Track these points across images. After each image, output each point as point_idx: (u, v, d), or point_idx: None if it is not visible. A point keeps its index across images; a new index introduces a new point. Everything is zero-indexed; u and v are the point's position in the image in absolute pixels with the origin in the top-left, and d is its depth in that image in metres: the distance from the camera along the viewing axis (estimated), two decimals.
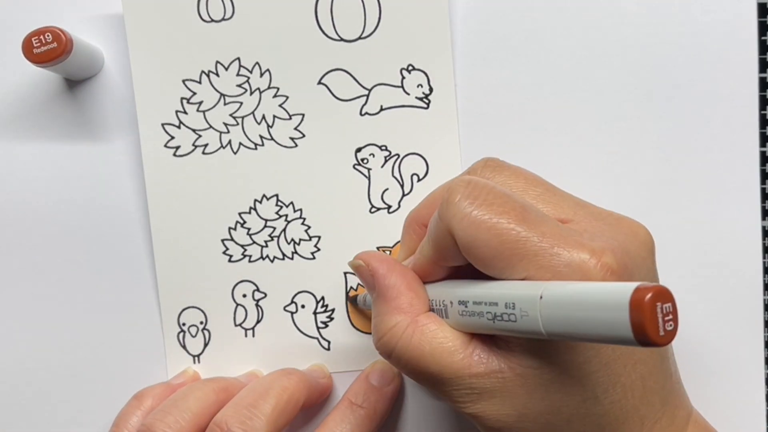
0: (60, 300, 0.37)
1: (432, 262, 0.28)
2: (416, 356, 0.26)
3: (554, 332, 0.21)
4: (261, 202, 0.37)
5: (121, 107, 0.37)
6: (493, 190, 0.25)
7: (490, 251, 0.24)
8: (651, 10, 0.36)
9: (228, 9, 0.36)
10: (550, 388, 0.25)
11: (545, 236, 0.24)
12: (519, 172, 0.28)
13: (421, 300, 0.28)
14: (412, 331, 0.27)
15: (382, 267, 0.28)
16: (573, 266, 0.23)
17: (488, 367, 0.25)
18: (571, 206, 0.27)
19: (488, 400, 0.25)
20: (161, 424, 0.30)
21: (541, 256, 0.23)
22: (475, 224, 0.24)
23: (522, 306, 0.22)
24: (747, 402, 0.36)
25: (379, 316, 0.28)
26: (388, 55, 0.36)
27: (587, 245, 0.24)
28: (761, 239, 0.36)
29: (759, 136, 0.36)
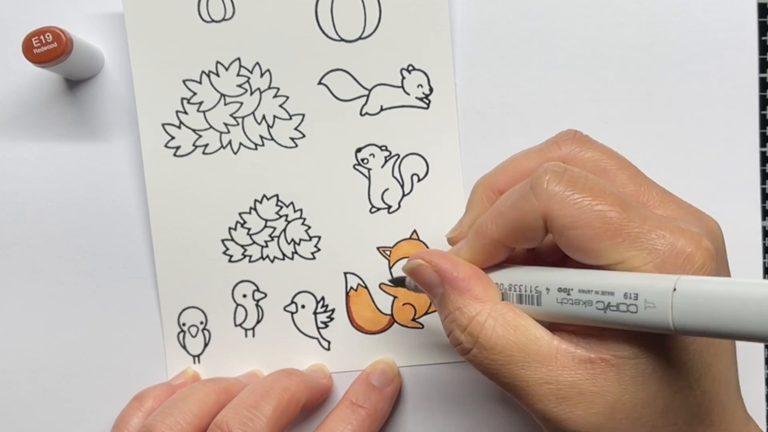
0: (60, 300, 0.37)
1: (497, 242, 0.27)
2: (501, 345, 0.25)
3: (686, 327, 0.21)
4: (261, 202, 0.37)
5: (121, 107, 0.37)
6: (590, 177, 0.25)
7: (591, 232, 0.24)
8: (651, 10, 0.36)
9: (228, 9, 0.36)
10: (646, 379, 0.24)
11: (647, 221, 0.24)
12: (609, 152, 0.28)
13: (493, 288, 0.27)
14: (494, 320, 0.26)
15: (445, 262, 0.28)
16: (676, 250, 0.23)
17: (577, 356, 0.24)
18: (659, 193, 0.27)
19: (574, 398, 0.24)
20: (162, 425, 0.30)
21: (644, 239, 0.24)
22: (576, 205, 0.24)
23: (648, 297, 0.22)
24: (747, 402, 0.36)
25: (456, 310, 0.27)
26: (388, 55, 0.36)
27: (686, 231, 0.24)
28: (761, 239, 0.36)
29: (759, 136, 0.36)
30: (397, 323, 0.37)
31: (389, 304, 0.37)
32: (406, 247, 0.36)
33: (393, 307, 0.37)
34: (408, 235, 0.36)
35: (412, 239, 0.36)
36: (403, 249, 0.36)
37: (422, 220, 0.36)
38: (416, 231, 0.36)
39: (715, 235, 0.26)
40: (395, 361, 0.36)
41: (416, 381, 0.37)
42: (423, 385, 0.37)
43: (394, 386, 0.35)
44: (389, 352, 0.37)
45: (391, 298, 0.37)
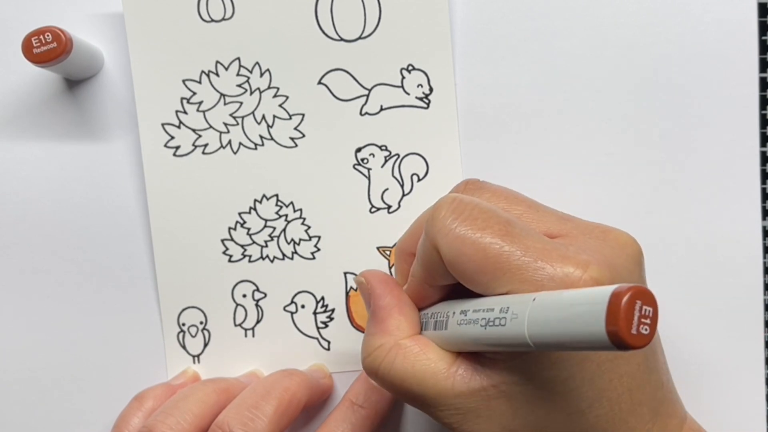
0: (60, 300, 0.37)
1: (423, 282, 0.28)
2: (399, 378, 0.27)
3: (537, 335, 0.21)
4: (261, 202, 0.37)
5: (121, 107, 0.37)
6: (478, 206, 0.25)
7: (473, 266, 0.24)
8: (651, 10, 0.36)
9: (228, 9, 0.36)
10: (534, 404, 0.25)
11: (529, 250, 0.24)
12: (499, 192, 0.28)
13: (409, 323, 0.28)
14: (395, 354, 0.27)
15: (379, 287, 0.29)
16: (557, 280, 0.23)
17: (471, 386, 0.25)
18: (556, 221, 0.27)
19: (474, 420, 0.26)
20: (162, 425, 0.30)
21: (524, 270, 0.24)
22: (459, 239, 0.25)
23: (514, 308, 0.22)
24: (747, 402, 0.36)
25: (367, 336, 0.29)
26: (388, 55, 0.36)
27: (572, 258, 0.24)
28: (761, 239, 0.36)
29: (759, 136, 0.36)
30: None
31: None
32: None
33: None
34: None
35: None
36: None
37: None
38: None
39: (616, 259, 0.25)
40: None
41: None
42: None
43: None
44: None
45: None
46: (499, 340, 0.23)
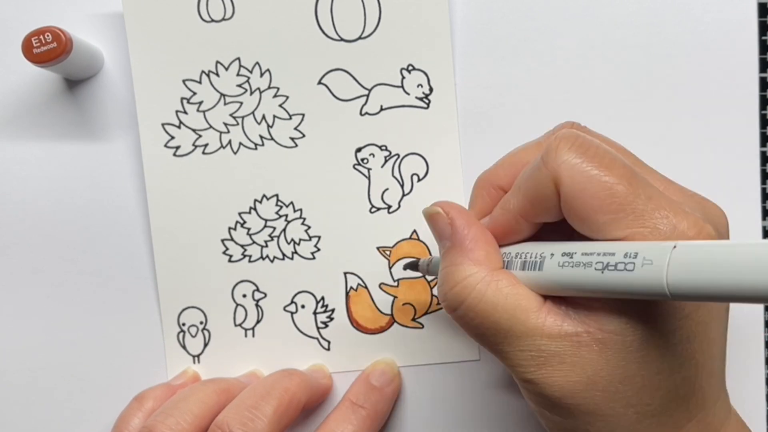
0: (60, 300, 0.37)
1: (518, 216, 0.27)
2: (488, 310, 0.26)
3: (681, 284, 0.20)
4: (261, 202, 0.37)
5: (121, 107, 0.37)
6: (602, 147, 0.25)
7: (596, 203, 0.24)
8: (651, 9, 0.36)
9: (228, 9, 0.36)
10: (629, 356, 0.24)
11: (652, 198, 0.24)
12: (609, 141, 0.28)
13: (498, 256, 0.27)
14: (486, 284, 0.26)
15: (462, 217, 0.28)
16: (678, 232, 0.23)
17: (564, 329, 0.25)
18: (661, 181, 0.27)
19: (555, 366, 0.25)
20: (162, 426, 0.30)
21: (648, 217, 0.23)
22: (585, 174, 0.24)
23: (647, 254, 0.21)
24: (747, 402, 0.36)
25: (453, 266, 0.27)
26: (388, 55, 0.36)
27: (691, 216, 0.24)
28: (761, 239, 0.36)
29: (759, 136, 0.36)
30: (397, 323, 0.37)
31: (389, 304, 0.37)
32: (406, 247, 0.36)
33: (393, 307, 0.37)
34: (408, 235, 0.36)
35: (412, 239, 0.36)
36: (403, 249, 0.36)
37: (422, 220, 0.36)
38: (416, 231, 0.36)
39: (718, 223, 0.26)
40: (395, 361, 0.36)
41: (416, 381, 0.37)
42: (423, 385, 0.37)
43: (394, 386, 0.35)
44: (389, 352, 0.37)
45: (391, 298, 0.37)
46: (622, 286, 0.22)
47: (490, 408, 0.36)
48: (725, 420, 0.27)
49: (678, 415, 0.25)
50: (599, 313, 0.24)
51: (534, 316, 0.25)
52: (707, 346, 0.25)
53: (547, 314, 0.25)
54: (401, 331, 0.37)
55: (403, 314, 0.37)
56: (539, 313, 0.25)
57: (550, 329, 0.25)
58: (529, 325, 0.25)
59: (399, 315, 0.37)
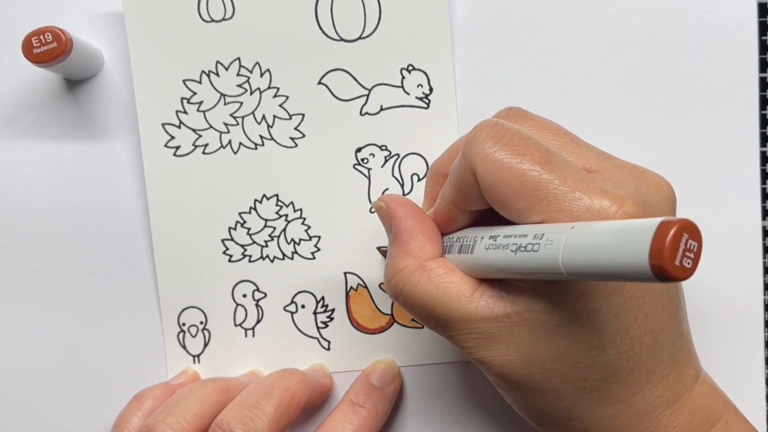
0: (60, 300, 0.37)
1: (452, 205, 0.28)
2: (422, 299, 0.27)
3: (572, 263, 0.21)
4: (261, 202, 0.37)
5: (121, 107, 0.37)
6: (519, 133, 0.25)
7: (510, 191, 0.24)
8: (651, 10, 0.36)
9: (228, 9, 0.36)
10: (557, 334, 0.25)
11: (567, 180, 0.24)
12: (542, 122, 0.28)
13: (433, 246, 0.28)
14: (419, 275, 0.27)
15: (400, 210, 0.29)
16: (593, 212, 0.23)
17: (494, 311, 0.25)
18: (595, 157, 0.27)
19: (494, 345, 0.26)
20: (162, 425, 0.30)
21: (561, 199, 0.24)
22: (498, 163, 0.24)
23: (550, 235, 0.22)
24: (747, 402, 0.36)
25: (391, 258, 0.29)
26: (388, 55, 0.36)
27: (609, 193, 0.24)
28: (761, 239, 0.36)
29: (759, 136, 0.36)
30: (397, 323, 0.37)
31: (389, 304, 0.37)
32: None
33: (393, 307, 0.37)
34: None
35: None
36: None
37: None
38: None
39: (654, 195, 0.26)
40: (395, 361, 0.36)
41: (416, 381, 0.37)
42: (423, 385, 0.37)
43: (394, 386, 0.35)
44: (389, 352, 0.37)
45: None
46: (530, 266, 0.23)
47: (490, 408, 0.36)
48: (683, 393, 0.27)
49: (619, 389, 0.26)
50: (526, 294, 0.25)
51: (467, 301, 0.26)
52: (642, 321, 0.25)
53: (480, 298, 0.26)
54: (401, 331, 0.37)
55: (403, 314, 0.37)
56: (472, 298, 0.26)
57: (483, 312, 0.26)
58: (461, 310, 0.26)
59: (399, 315, 0.37)
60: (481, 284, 0.27)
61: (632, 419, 0.26)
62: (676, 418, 0.27)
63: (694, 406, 0.27)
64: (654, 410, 0.26)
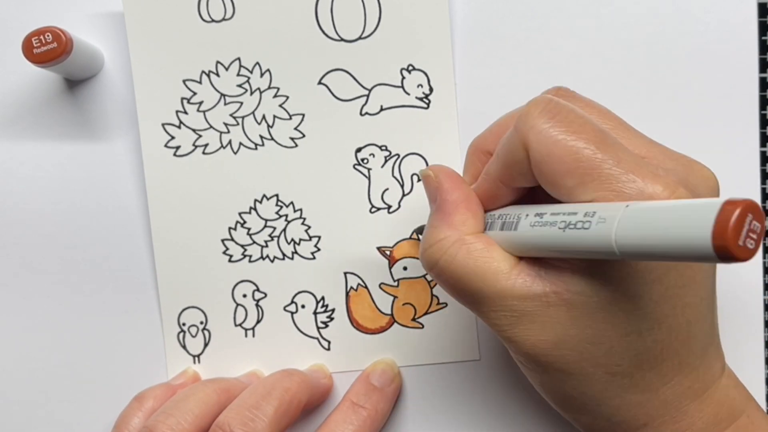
0: (60, 300, 0.37)
1: (498, 181, 0.27)
2: (459, 273, 0.27)
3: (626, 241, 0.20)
4: (261, 202, 0.37)
5: (121, 107, 0.37)
6: (573, 111, 0.25)
7: (563, 168, 0.24)
8: (651, 9, 0.36)
9: (228, 9, 0.36)
10: (595, 316, 0.25)
11: (621, 162, 0.24)
12: (592, 104, 0.28)
13: (476, 220, 0.28)
14: (458, 248, 0.27)
15: (447, 182, 0.29)
16: (645, 195, 0.23)
17: (533, 289, 0.25)
18: (645, 143, 0.27)
19: (527, 325, 0.25)
20: (163, 426, 0.30)
21: (613, 180, 0.23)
22: (552, 139, 0.24)
23: (602, 213, 0.22)
24: None
25: (430, 228, 0.28)
26: (388, 55, 0.36)
27: (661, 178, 0.23)
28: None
29: (759, 136, 0.36)
30: (397, 323, 0.37)
31: (389, 304, 0.37)
32: (406, 247, 0.36)
33: (393, 307, 0.37)
34: (408, 235, 0.37)
35: (412, 239, 0.37)
36: (403, 249, 0.36)
37: (422, 220, 0.36)
38: (416, 231, 0.37)
39: (702, 185, 0.26)
40: (395, 361, 0.36)
41: (416, 381, 0.37)
42: (423, 385, 0.37)
43: (394, 386, 0.35)
44: (389, 352, 0.37)
45: (391, 298, 0.37)
46: (579, 244, 0.22)
47: (490, 408, 0.36)
48: (710, 385, 0.27)
49: (651, 377, 0.26)
50: (567, 274, 0.25)
51: (504, 277, 0.26)
52: (681, 311, 0.25)
53: (518, 275, 0.26)
54: (401, 331, 0.37)
55: (403, 314, 0.37)
56: (509, 274, 0.26)
57: (520, 290, 0.25)
58: (498, 286, 0.26)
59: (399, 315, 0.37)
60: (521, 261, 0.26)
61: (660, 408, 0.26)
62: (703, 410, 0.26)
63: (719, 398, 0.27)
64: (682, 400, 0.26)
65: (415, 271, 0.36)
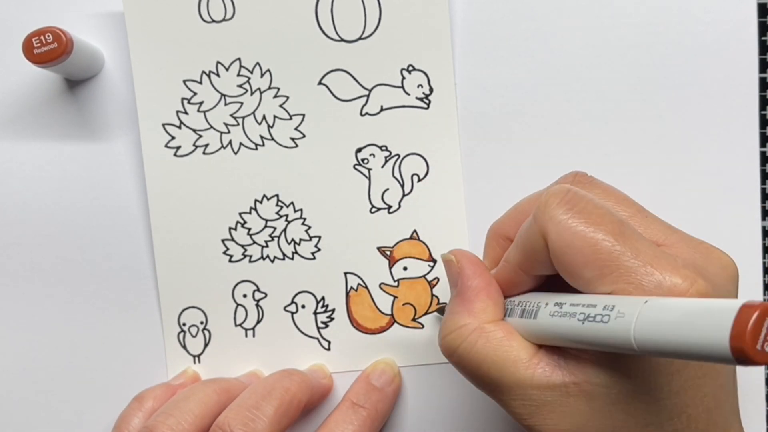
0: (60, 300, 0.37)
1: (517, 268, 0.28)
2: (477, 361, 0.27)
3: (645, 338, 0.20)
4: (261, 202, 0.37)
5: (122, 107, 0.37)
6: (592, 202, 0.25)
7: (581, 259, 0.24)
8: (651, 10, 0.36)
9: (228, 9, 0.36)
10: (614, 408, 0.25)
11: (640, 254, 0.24)
12: (610, 191, 0.28)
13: (496, 308, 0.28)
14: (477, 336, 0.27)
15: (469, 267, 0.29)
16: (664, 288, 0.23)
17: (552, 380, 0.25)
18: (663, 230, 0.27)
19: (547, 414, 0.25)
20: (163, 426, 0.30)
21: (632, 273, 0.23)
22: (570, 230, 0.24)
23: (621, 308, 0.22)
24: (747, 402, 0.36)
25: (450, 314, 0.28)
26: (388, 55, 0.36)
27: (681, 270, 0.23)
28: (761, 239, 0.36)
29: (759, 136, 0.36)
30: (397, 323, 0.37)
31: (389, 304, 0.37)
32: (406, 247, 0.36)
33: (393, 307, 0.37)
34: (408, 235, 0.37)
35: (412, 239, 0.37)
36: (403, 249, 0.36)
37: (422, 220, 0.36)
38: (416, 231, 0.37)
39: (720, 274, 0.25)
40: (395, 361, 0.36)
41: (416, 381, 0.37)
42: (423, 385, 0.37)
43: (394, 386, 0.35)
44: (389, 352, 0.37)
45: (391, 298, 0.37)
46: (597, 337, 0.22)
47: (490, 408, 0.36)
48: None
49: None
50: (587, 365, 0.25)
51: (523, 367, 0.26)
52: (701, 400, 0.25)
53: (537, 365, 0.26)
54: (401, 331, 0.37)
55: (403, 314, 0.37)
56: (529, 363, 0.26)
57: (539, 380, 0.25)
58: (518, 376, 0.26)
59: (399, 315, 0.37)
60: (540, 351, 0.26)
61: None
62: None
63: None
64: None
65: (415, 271, 0.36)
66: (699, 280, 0.23)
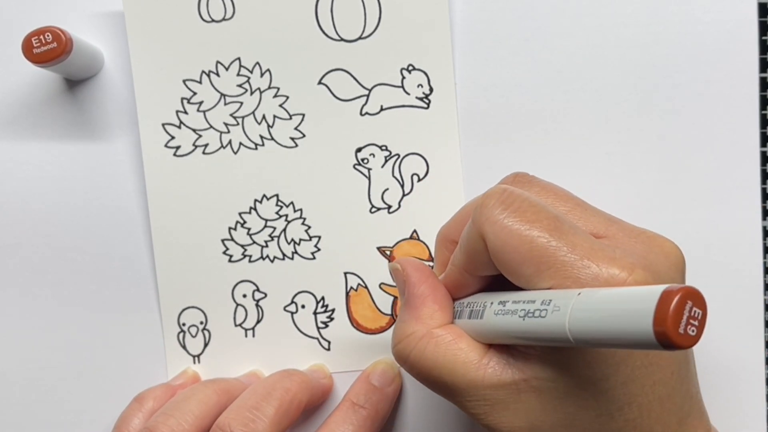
0: (60, 300, 0.37)
1: (463, 271, 0.28)
2: (429, 366, 0.27)
3: (578, 329, 0.21)
4: (261, 202, 0.37)
5: (122, 107, 0.37)
6: (528, 200, 0.25)
7: (518, 257, 0.24)
8: (651, 10, 0.36)
9: (228, 9, 0.36)
10: (564, 401, 0.25)
11: (576, 248, 0.24)
12: (548, 187, 0.28)
13: (443, 313, 0.28)
14: (426, 342, 0.27)
15: (414, 275, 0.29)
16: (601, 280, 0.23)
17: (502, 378, 0.25)
18: (603, 222, 0.27)
19: (501, 412, 0.26)
20: (163, 426, 0.30)
21: (569, 267, 0.24)
22: (507, 230, 0.25)
23: (557, 302, 0.22)
24: (747, 402, 0.36)
25: (400, 322, 0.29)
26: (388, 55, 0.36)
27: (618, 260, 0.24)
28: (761, 239, 0.36)
29: (759, 136, 0.36)
30: None
31: (389, 304, 0.37)
32: (407, 247, 0.36)
33: (393, 307, 0.37)
34: (408, 235, 0.37)
35: (412, 239, 0.37)
36: (404, 249, 0.36)
37: (422, 220, 0.36)
38: (416, 231, 0.37)
39: (660, 266, 0.25)
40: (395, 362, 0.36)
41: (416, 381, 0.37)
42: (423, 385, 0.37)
43: (394, 386, 0.35)
44: (389, 352, 0.37)
45: (391, 298, 0.37)
46: (537, 332, 0.23)
47: None
48: None
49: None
50: (534, 361, 0.25)
51: (474, 368, 0.26)
52: (651, 388, 0.25)
53: (487, 365, 0.26)
54: None
55: None
56: (479, 364, 0.26)
57: (490, 380, 0.26)
58: (469, 377, 0.26)
59: None
60: (490, 350, 0.27)
61: None
62: None
63: None
64: None
65: None
66: (637, 269, 0.24)
